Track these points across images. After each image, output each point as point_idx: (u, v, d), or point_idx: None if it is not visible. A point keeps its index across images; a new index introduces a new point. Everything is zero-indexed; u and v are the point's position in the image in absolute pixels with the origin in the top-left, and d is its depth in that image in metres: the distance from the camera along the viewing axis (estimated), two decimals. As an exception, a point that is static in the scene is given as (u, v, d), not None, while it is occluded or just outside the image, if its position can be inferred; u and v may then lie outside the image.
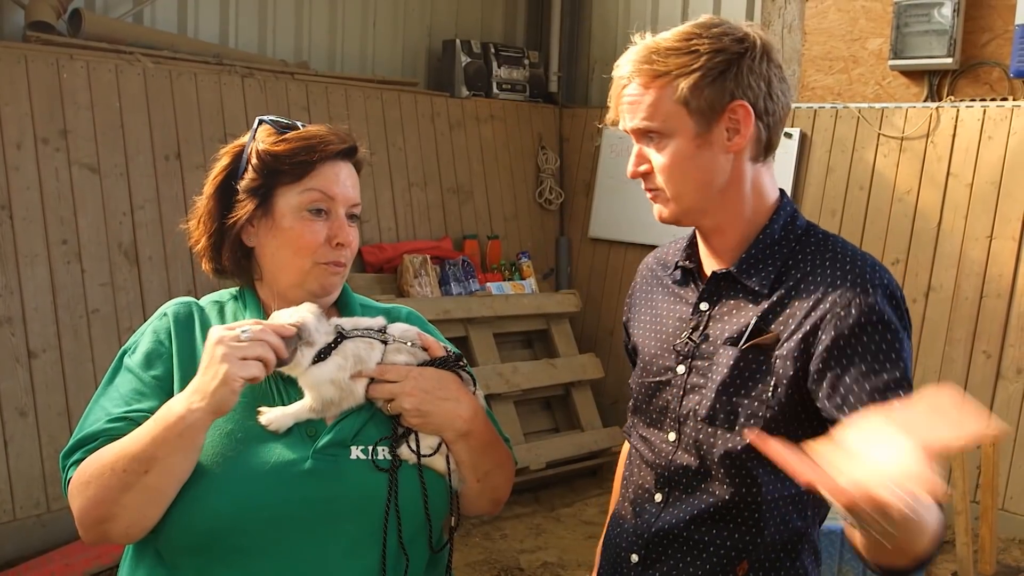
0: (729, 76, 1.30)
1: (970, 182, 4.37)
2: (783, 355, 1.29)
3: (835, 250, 1.34)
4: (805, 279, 1.32)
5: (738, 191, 1.37)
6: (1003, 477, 4.12)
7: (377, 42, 5.44)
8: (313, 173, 1.36)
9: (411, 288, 4.85)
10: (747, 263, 1.36)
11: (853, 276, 1.29)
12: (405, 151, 5.20)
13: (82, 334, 3.96)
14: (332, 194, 1.37)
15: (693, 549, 1.35)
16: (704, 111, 1.31)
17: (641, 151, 1.38)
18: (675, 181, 1.34)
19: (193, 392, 1.22)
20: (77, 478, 1.25)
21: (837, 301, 1.27)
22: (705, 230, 1.42)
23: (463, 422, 1.34)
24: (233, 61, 4.56)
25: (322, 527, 1.26)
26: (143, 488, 1.21)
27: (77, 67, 4.02)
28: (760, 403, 1.30)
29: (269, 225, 1.37)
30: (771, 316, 1.32)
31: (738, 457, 1.32)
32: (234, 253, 1.40)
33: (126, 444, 1.23)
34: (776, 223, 1.38)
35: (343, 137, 1.41)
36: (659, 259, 1.57)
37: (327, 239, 1.36)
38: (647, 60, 1.33)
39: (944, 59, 4.41)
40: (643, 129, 1.35)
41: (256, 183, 1.37)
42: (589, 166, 5.88)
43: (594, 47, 6.09)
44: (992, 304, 4.29)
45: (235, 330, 1.22)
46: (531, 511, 4.49)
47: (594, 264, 5.86)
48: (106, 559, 3.64)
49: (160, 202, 4.23)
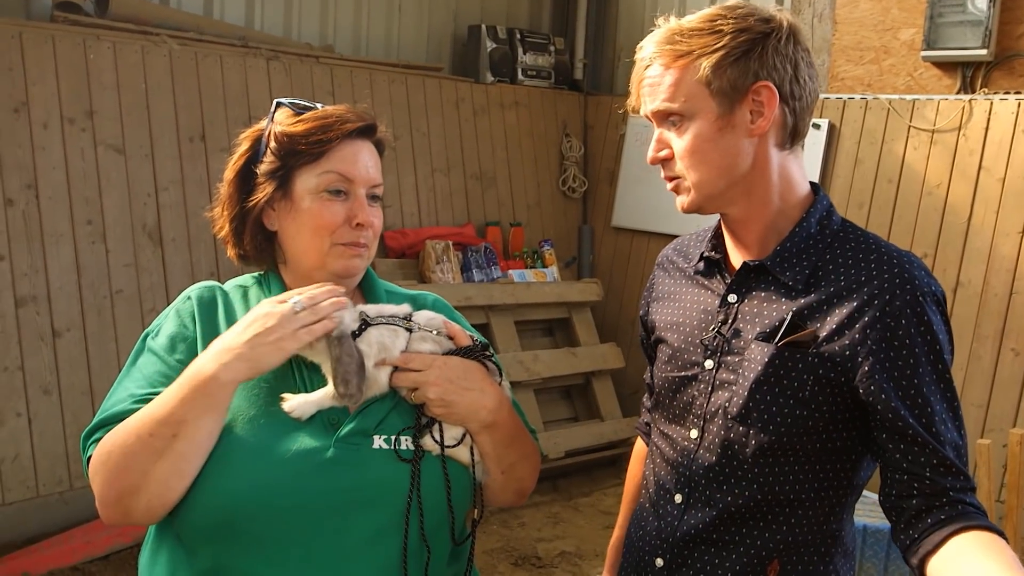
0: (753, 56, 1.26)
1: (1002, 176, 4.29)
2: (823, 355, 1.25)
3: (879, 250, 1.29)
4: (848, 277, 1.28)
5: (764, 178, 1.32)
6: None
7: (402, 26, 5.41)
8: (330, 154, 1.34)
9: (433, 274, 4.84)
10: (781, 256, 1.32)
11: (902, 281, 1.24)
12: (429, 136, 5.18)
13: (106, 314, 3.99)
14: (350, 175, 1.35)
15: (722, 551, 1.32)
16: (727, 92, 1.27)
17: (662, 136, 1.34)
18: (696, 166, 1.30)
19: (225, 351, 1.22)
20: (99, 453, 1.24)
21: (887, 309, 1.23)
22: (731, 219, 1.37)
23: (488, 413, 1.32)
24: (258, 44, 4.55)
25: (343, 516, 1.24)
26: (171, 454, 1.20)
27: (104, 48, 4.03)
28: (796, 402, 1.26)
29: (289, 207, 1.36)
30: (807, 313, 1.28)
31: (772, 456, 1.28)
32: (255, 237, 1.39)
33: (152, 409, 1.22)
34: (812, 217, 1.34)
35: (361, 115, 1.38)
36: (679, 250, 1.52)
37: (346, 219, 1.34)
38: (669, 41, 1.30)
39: (979, 50, 4.33)
40: (663, 111, 1.31)
41: (275, 165, 1.36)
42: (613, 154, 5.84)
43: (620, 34, 6.03)
44: (1022, 301, 4.22)
45: (286, 302, 1.26)
46: (550, 500, 4.48)
47: (617, 253, 5.82)
48: (127, 538, 3.67)
49: (184, 184, 4.24)
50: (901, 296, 1.22)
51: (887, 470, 1.24)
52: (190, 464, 1.22)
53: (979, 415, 4.32)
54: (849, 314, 1.25)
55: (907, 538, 1.20)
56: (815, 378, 1.26)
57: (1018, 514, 3.50)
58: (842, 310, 1.26)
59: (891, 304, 1.22)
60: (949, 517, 1.17)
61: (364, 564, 1.25)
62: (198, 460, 1.22)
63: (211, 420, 1.22)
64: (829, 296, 1.28)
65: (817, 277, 1.30)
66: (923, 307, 1.22)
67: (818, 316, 1.27)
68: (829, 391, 1.26)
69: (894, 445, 1.21)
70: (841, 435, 1.28)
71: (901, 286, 1.23)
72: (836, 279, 1.29)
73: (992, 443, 3.39)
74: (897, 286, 1.23)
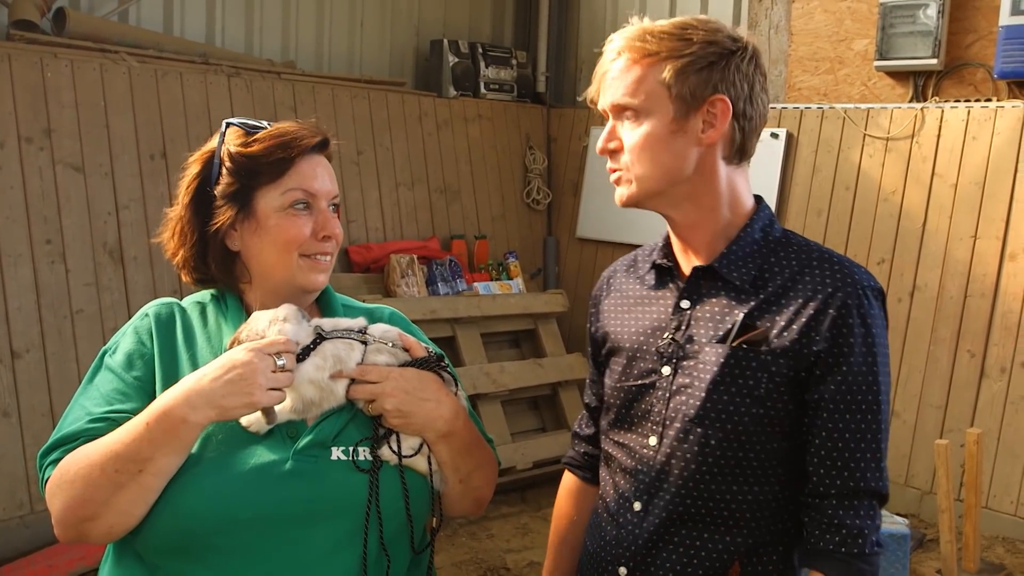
0: (716, 69, 1.32)
1: (955, 182, 4.39)
2: (775, 352, 1.30)
3: (820, 252, 1.37)
4: (792, 278, 1.33)
5: (710, 187, 1.37)
6: (987, 475, 4.14)
7: (365, 42, 5.43)
8: (291, 171, 1.36)
9: (398, 288, 4.85)
10: (728, 259, 1.36)
11: (843, 276, 1.31)
12: (392, 151, 5.19)
13: (66, 334, 3.94)
14: (313, 190, 1.37)
15: (683, 556, 1.34)
16: (685, 98, 1.31)
17: (614, 128, 1.38)
18: (642, 161, 1.34)
19: (196, 395, 1.22)
20: (59, 476, 1.24)
21: (830, 301, 1.29)
22: (678, 224, 1.41)
23: (444, 422, 1.34)
24: (219, 60, 4.54)
25: (303, 528, 1.26)
26: (135, 487, 1.21)
27: (61, 66, 4.00)
28: (752, 400, 1.30)
29: (253, 227, 1.36)
30: (756, 313, 1.33)
31: (732, 458, 1.31)
32: (220, 259, 1.39)
33: (116, 443, 1.22)
34: (755, 224, 1.39)
35: (314, 131, 1.41)
36: (626, 266, 1.55)
37: (313, 233, 1.36)
38: (640, 38, 1.34)
39: (929, 60, 4.44)
40: (622, 105, 1.35)
41: (234, 187, 1.37)
42: (577, 166, 5.89)
43: (582, 47, 6.10)
44: (976, 304, 4.31)
45: (271, 355, 1.24)
46: (518, 511, 4.49)
47: (582, 264, 5.86)
48: (89, 560, 3.62)
49: (146, 201, 4.21)
50: (843, 289, 1.30)
51: (809, 463, 1.31)
52: (153, 493, 1.23)
53: (937, 416, 4.40)
54: (796, 310, 1.30)
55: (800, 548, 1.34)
56: (769, 375, 1.30)
57: (977, 512, 3.58)
58: (790, 307, 1.31)
59: (834, 297, 1.29)
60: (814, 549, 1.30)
61: (325, 573, 1.26)
62: (160, 489, 1.23)
63: (177, 458, 1.23)
64: (777, 295, 1.33)
65: (764, 279, 1.35)
66: (862, 300, 1.30)
67: (767, 315, 1.32)
68: (784, 387, 1.30)
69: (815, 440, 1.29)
70: (797, 432, 1.33)
71: (843, 280, 1.31)
72: (782, 280, 1.34)
73: (950, 443, 3.46)
74: (839, 280, 1.31)
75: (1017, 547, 4.08)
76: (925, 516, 4.31)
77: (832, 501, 1.28)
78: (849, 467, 1.28)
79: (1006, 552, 4.06)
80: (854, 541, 1.27)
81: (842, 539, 1.27)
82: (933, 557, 3.86)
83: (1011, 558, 4.00)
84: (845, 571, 1.27)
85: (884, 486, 1.29)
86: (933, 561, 3.76)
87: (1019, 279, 4.21)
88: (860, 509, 1.28)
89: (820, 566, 1.29)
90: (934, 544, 4.01)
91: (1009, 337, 4.22)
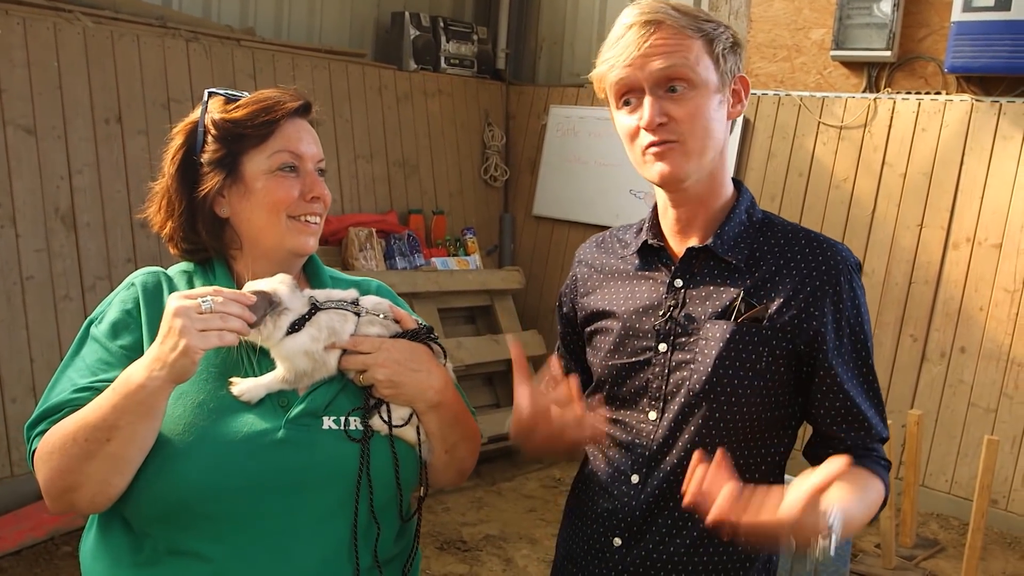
0: (738, 51, 1.40)
1: (904, 172, 4.53)
2: (775, 327, 1.36)
3: (805, 233, 1.44)
4: (784, 257, 1.40)
5: (724, 163, 1.44)
6: (924, 455, 4.32)
7: (325, 11, 5.36)
8: (277, 134, 1.37)
9: (356, 261, 4.83)
10: (723, 240, 1.41)
11: (832, 255, 1.40)
12: (352, 123, 5.15)
13: (16, 301, 3.85)
14: (299, 151, 1.38)
15: (678, 522, 1.39)
16: (726, 73, 1.38)
17: (655, 101, 1.33)
18: (698, 133, 1.35)
19: (153, 360, 1.21)
20: (43, 448, 1.25)
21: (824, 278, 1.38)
22: (687, 201, 1.42)
23: (434, 393, 1.36)
24: (177, 24, 4.44)
25: (294, 496, 1.27)
26: (106, 456, 1.20)
27: (12, 23, 3.88)
28: (755, 374, 1.36)
29: (242, 192, 1.37)
30: (753, 291, 1.39)
31: (732, 427, 1.37)
32: (210, 226, 1.39)
33: (86, 413, 1.22)
34: (741, 206, 1.45)
35: (296, 95, 1.41)
36: (601, 246, 1.57)
37: (301, 194, 1.37)
38: (686, 13, 1.36)
39: (883, 52, 4.55)
40: (674, 75, 1.33)
41: (220, 153, 1.36)
42: (535, 144, 5.91)
43: (542, 25, 6.10)
44: (920, 290, 4.47)
45: (195, 299, 1.21)
46: (473, 485, 4.54)
47: (537, 242, 5.90)
48: (40, 532, 3.58)
49: (100, 167, 4.11)
50: (834, 267, 1.38)
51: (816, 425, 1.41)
52: (128, 464, 1.23)
53: (880, 398, 4.56)
54: (793, 287, 1.37)
55: None
56: (769, 349, 1.36)
57: (915, 490, 3.73)
58: (785, 285, 1.38)
59: (827, 274, 1.38)
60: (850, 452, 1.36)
61: (315, 542, 1.28)
62: (137, 458, 1.23)
63: (144, 426, 1.22)
64: (771, 274, 1.39)
65: (755, 259, 1.41)
66: (850, 275, 1.39)
67: (764, 293, 1.38)
68: (783, 360, 1.37)
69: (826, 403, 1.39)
70: (794, 402, 1.41)
71: (832, 259, 1.39)
72: (774, 259, 1.40)
73: (892, 424, 3.59)
74: (829, 258, 1.39)
75: (950, 523, 4.27)
76: (865, 493, 4.47)
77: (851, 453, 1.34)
78: (859, 420, 1.38)
79: (940, 528, 4.24)
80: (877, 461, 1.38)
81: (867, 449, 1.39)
82: (872, 532, 4.02)
83: (944, 533, 4.18)
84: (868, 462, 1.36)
85: (887, 432, 1.42)
86: (872, 536, 3.91)
87: (961, 267, 4.37)
88: (874, 452, 1.39)
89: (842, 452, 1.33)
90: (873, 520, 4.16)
91: (950, 323, 4.39)
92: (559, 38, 6.01)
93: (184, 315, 1.19)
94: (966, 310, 4.34)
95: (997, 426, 4.23)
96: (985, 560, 3.86)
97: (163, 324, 1.22)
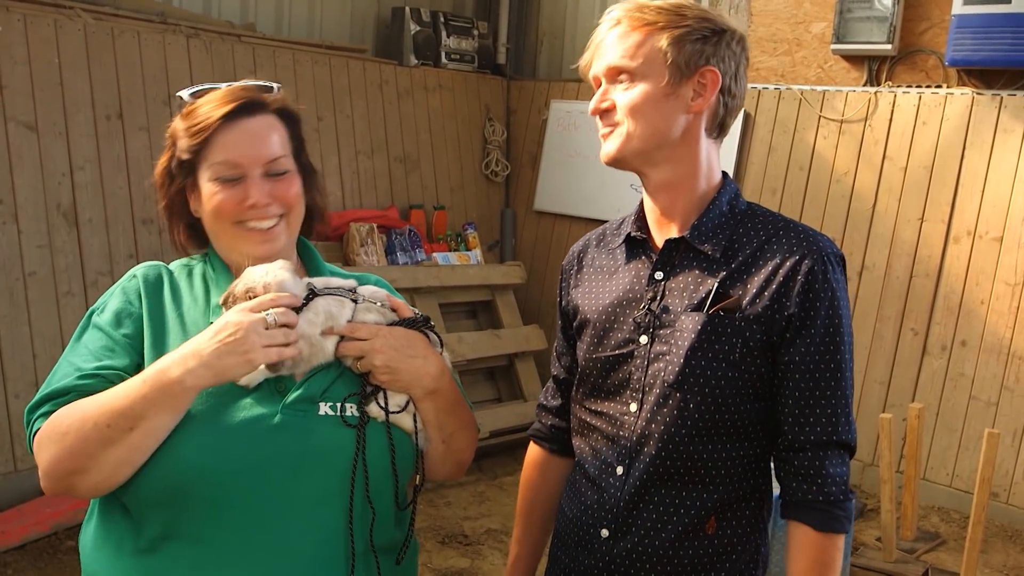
0: (710, 43, 1.39)
1: (904, 166, 4.53)
2: (748, 318, 1.36)
3: (785, 223, 1.44)
4: (761, 247, 1.40)
5: (691, 154, 1.43)
6: (925, 448, 4.32)
7: (325, 6, 5.36)
8: (214, 142, 1.37)
9: (357, 257, 4.84)
10: (699, 230, 1.42)
11: (809, 244, 1.38)
12: (353, 118, 5.16)
13: (18, 297, 3.86)
14: (236, 160, 1.37)
15: (664, 514, 1.40)
16: (679, 66, 1.38)
17: (607, 90, 1.43)
18: (635, 119, 1.40)
19: (191, 356, 1.23)
20: (51, 428, 1.25)
21: (799, 268, 1.36)
22: (655, 188, 1.45)
23: (431, 379, 1.37)
24: (178, 20, 4.45)
25: (290, 480, 1.28)
26: (125, 445, 1.22)
27: (14, 20, 3.89)
28: (728, 365, 1.36)
29: (199, 196, 1.41)
30: (728, 282, 1.39)
31: (709, 419, 1.37)
32: (186, 225, 1.44)
33: (111, 399, 1.23)
34: (723, 197, 1.45)
35: (237, 95, 1.39)
36: (596, 240, 1.60)
37: (239, 202, 1.37)
38: (639, 9, 1.41)
39: (883, 45, 4.55)
40: (619, 68, 1.40)
41: (177, 160, 1.41)
42: (536, 139, 5.91)
43: (543, 20, 6.10)
44: (921, 284, 4.47)
45: (260, 312, 1.25)
46: (474, 479, 4.55)
47: (538, 237, 5.91)
48: (44, 527, 3.59)
49: (101, 163, 4.13)
50: (810, 256, 1.37)
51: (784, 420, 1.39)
52: (143, 455, 1.24)
53: (881, 391, 4.56)
54: (766, 277, 1.37)
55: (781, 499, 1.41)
56: (743, 340, 1.36)
57: (915, 483, 3.73)
58: (760, 275, 1.38)
59: (802, 264, 1.37)
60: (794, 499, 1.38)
61: (311, 526, 1.29)
62: (150, 450, 1.25)
63: (170, 419, 1.24)
64: (747, 264, 1.39)
65: (733, 249, 1.41)
66: (827, 266, 1.37)
67: (739, 284, 1.38)
68: (757, 351, 1.36)
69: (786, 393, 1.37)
70: (768, 394, 1.39)
71: (809, 248, 1.38)
72: (751, 250, 1.41)
73: (893, 417, 3.60)
74: (805, 248, 1.38)
75: (951, 516, 4.28)
76: (866, 487, 4.48)
77: (808, 453, 1.36)
78: (821, 421, 1.36)
79: (940, 521, 4.24)
80: (830, 489, 1.35)
81: (819, 488, 1.35)
82: (873, 526, 4.03)
83: (945, 526, 4.19)
84: (825, 519, 1.35)
85: (853, 438, 1.38)
86: (873, 530, 3.92)
87: (962, 261, 4.37)
88: (834, 458, 1.36)
89: (801, 516, 1.36)
90: (874, 514, 4.17)
91: (951, 317, 4.39)
92: (560, 33, 6.01)
93: (253, 330, 1.23)
94: (967, 304, 4.34)
95: (998, 419, 4.23)
96: (986, 553, 3.87)
97: (218, 326, 1.25)
